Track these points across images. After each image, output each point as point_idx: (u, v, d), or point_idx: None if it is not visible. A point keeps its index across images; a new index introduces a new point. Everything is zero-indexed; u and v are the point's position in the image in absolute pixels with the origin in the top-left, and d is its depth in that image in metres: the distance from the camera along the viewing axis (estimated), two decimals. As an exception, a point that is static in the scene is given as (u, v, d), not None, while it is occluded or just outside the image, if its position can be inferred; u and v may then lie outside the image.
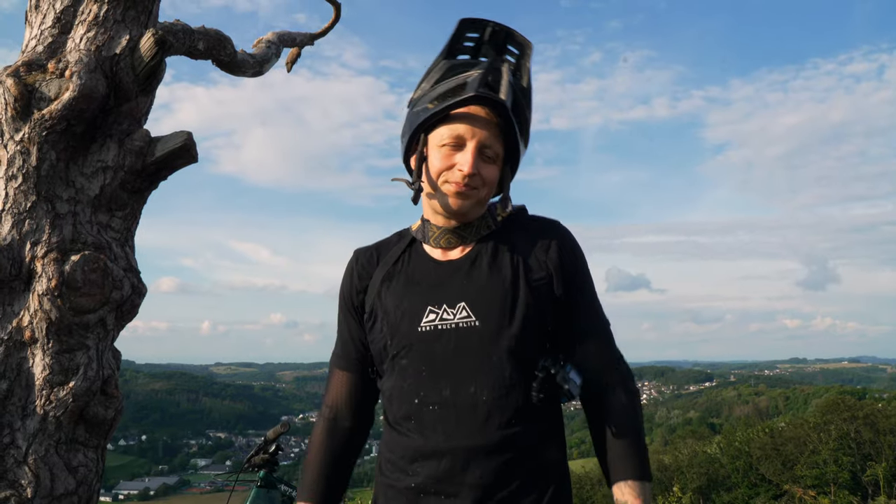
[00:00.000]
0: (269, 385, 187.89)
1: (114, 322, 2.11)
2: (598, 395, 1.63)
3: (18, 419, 1.94)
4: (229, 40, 2.44)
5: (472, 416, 1.54)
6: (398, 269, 1.72)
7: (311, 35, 3.22)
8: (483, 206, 1.70)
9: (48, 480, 1.93)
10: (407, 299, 1.65)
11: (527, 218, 1.76)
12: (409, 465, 1.59)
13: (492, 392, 1.54)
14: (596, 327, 1.67)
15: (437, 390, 1.57)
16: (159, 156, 2.14)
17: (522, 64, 1.70)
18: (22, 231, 1.98)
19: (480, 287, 1.62)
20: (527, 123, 1.68)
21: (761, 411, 73.80)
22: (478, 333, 1.58)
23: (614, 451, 1.58)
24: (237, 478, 4.62)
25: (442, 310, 1.61)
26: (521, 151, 1.70)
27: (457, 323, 1.59)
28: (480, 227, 1.71)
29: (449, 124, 1.62)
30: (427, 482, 1.55)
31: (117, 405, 2.09)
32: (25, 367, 1.96)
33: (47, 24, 2.12)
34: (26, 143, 1.98)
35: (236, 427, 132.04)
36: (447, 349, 1.58)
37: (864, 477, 26.71)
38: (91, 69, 2.02)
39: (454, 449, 1.54)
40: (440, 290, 1.64)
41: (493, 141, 1.62)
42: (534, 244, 1.67)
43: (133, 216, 2.21)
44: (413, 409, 1.60)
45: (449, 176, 1.62)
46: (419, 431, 1.58)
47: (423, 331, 1.61)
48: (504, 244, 1.68)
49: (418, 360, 1.61)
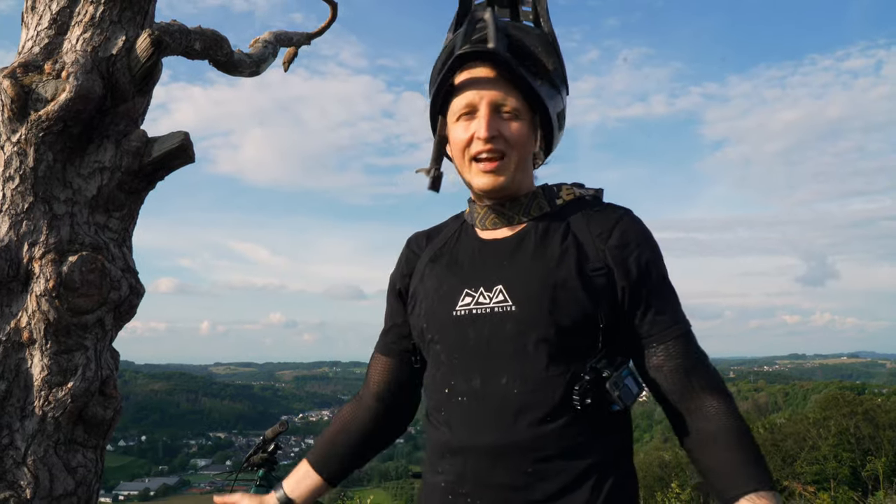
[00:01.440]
0: (269, 385, 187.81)
1: (112, 322, 2.11)
2: (687, 404, 1.42)
3: (17, 420, 1.94)
4: (226, 40, 2.44)
5: (501, 410, 1.39)
6: (445, 250, 1.60)
7: (308, 34, 3.22)
8: (524, 174, 1.53)
9: (47, 481, 1.93)
10: (446, 282, 1.53)
11: (596, 204, 1.55)
12: (439, 462, 1.48)
13: (524, 384, 1.39)
14: (672, 330, 1.45)
15: (468, 380, 1.44)
16: (156, 156, 2.14)
17: (539, 10, 1.55)
18: (19, 232, 1.98)
19: (522, 270, 1.46)
20: (542, 64, 1.50)
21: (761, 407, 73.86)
22: (514, 319, 1.42)
23: (728, 460, 1.36)
24: (236, 477, 4.62)
25: (479, 293, 1.47)
26: (553, 99, 1.51)
27: (492, 308, 1.44)
28: (531, 206, 1.54)
29: (457, 95, 1.50)
30: (455, 481, 1.43)
31: (116, 405, 2.09)
32: (24, 368, 1.96)
33: (43, 26, 2.12)
34: (23, 144, 1.98)
35: (236, 427, 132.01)
36: (481, 336, 1.44)
37: (864, 472, 26.75)
38: (87, 70, 2.02)
39: (480, 447, 1.40)
40: (479, 272, 1.50)
41: (508, 96, 1.46)
42: (596, 232, 1.48)
43: (130, 217, 2.21)
44: (443, 400, 1.48)
45: (471, 149, 1.49)
46: (447, 424, 1.46)
47: (458, 315, 1.48)
48: (558, 227, 1.50)
49: (451, 347, 1.48)
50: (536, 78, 1.48)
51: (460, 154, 1.51)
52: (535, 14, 1.56)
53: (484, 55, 1.45)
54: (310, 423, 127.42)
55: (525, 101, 1.48)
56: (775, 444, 30.11)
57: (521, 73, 1.45)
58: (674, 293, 1.50)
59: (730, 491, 1.33)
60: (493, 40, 1.43)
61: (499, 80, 1.47)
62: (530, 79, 1.46)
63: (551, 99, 1.51)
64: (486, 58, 1.46)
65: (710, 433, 1.39)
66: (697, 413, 1.41)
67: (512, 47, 1.46)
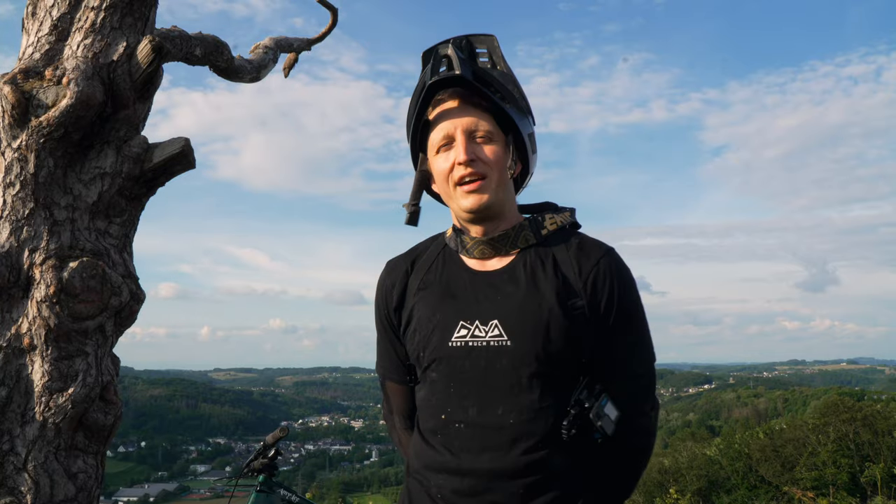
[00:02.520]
0: (269, 390, 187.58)
1: (112, 328, 2.11)
2: (621, 434, 1.56)
3: (18, 426, 1.94)
4: (226, 46, 2.44)
5: (497, 439, 1.51)
6: (433, 277, 1.67)
7: (309, 40, 3.22)
8: (506, 193, 1.62)
9: (48, 487, 1.93)
10: (440, 311, 1.61)
11: (576, 237, 1.66)
12: (434, 476, 1.58)
13: (519, 415, 1.51)
14: (635, 370, 1.60)
15: (464, 409, 1.54)
16: (157, 162, 2.14)
17: (494, 58, 1.66)
18: (20, 238, 1.98)
19: (516, 305, 1.55)
20: (507, 90, 1.60)
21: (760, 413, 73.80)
22: (509, 353, 1.52)
23: (603, 483, 1.59)
24: (237, 483, 4.62)
25: (474, 326, 1.56)
26: (522, 120, 1.62)
27: (488, 341, 1.54)
28: (517, 238, 1.63)
29: (433, 130, 1.62)
30: (450, 496, 1.54)
31: (116, 411, 2.09)
32: (24, 374, 1.96)
33: (44, 32, 2.13)
34: (24, 150, 1.98)
35: (236, 433, 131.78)
36: (477, 367, 1.54)
37: (863, 478, 26.72)
38: (88, 76, 2.03)
39: (477, 470, 1.51)
40: (474, 305, 1.59)
41: (480, 121, 1.58)
42: (578, 268, 1.58)
43: (131, 222, 2.21)
44: (440, 425, 1.58)
45: (454, 175, 1.58)
46: (445, 447, 1.56)
47: (454, 346, 1.57)
48: (546, 261, 1.60)
49: (447, 376, 1.58)
50: (504, 101, 1.59)
51: (444, 182, 1.62)
52: (492, 61, 1.67)
53: (454, 82, 1.57)
54: (309, 428, 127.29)
55: (496, 124, 1.59)
56: (775, 450, 30.05)
57: (489, 95, 1.56)
58: (646, 334, 1.62)
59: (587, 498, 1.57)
60: (458, 68, 1.55)
61: (469, 108, 1.58)
62: (498, 101, 1.57)
63: (521, 120, 1.62)
64: (455, 84, 1.58)
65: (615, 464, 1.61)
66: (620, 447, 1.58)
67: (477, 75, 1.58)
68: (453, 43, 1.65)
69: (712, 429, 62.28)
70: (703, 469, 31.19)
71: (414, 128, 1.64)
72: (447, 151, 1.60)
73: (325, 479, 75.87)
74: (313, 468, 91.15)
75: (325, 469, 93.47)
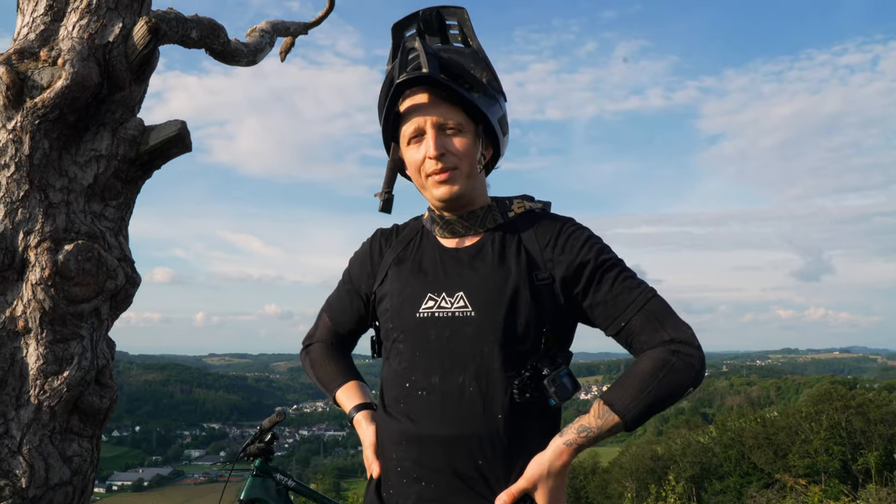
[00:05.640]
0: (263, 376, 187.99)
1: (108, 312, 2.10)
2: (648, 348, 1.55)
3: (12, 409, 1.93)
4: (223, 29, 2.42)
5: (457, 406, 1.55)
6: (408, 253, 1.75)
7: (305, 24, 3.20)
8: (475, 180, 1.67)
9: (42, 470, 1.93)
10: (410, 285, 1.67)
11: (539, 216, 1.71)
12: (394, 447, 1.61)
13: (479, 383, 1.54)
14: (630, 308, 1.56)
15: (427, 376, 1.59)
16: (153, 145, 2.13)
17: (465, 31, 1.70)
18: (15, 220, 1.97)
19: (481, 278, 1.61)
20: (476, 78, 1.63)
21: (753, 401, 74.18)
22: (473, 324, 1.58)
23: (621, 377, 1.54)
24: (233, 467, 4.63)
25: (441, 297, 1.62)
26: (492, 108, 1.65)
27: (453, 312, 1.60)
28: (486, 218, 1.70)
29: (405, 122, 1.65)
30: (410, 466, 1.57)
31: (112, 395, 2.09)
32: (19, 357, 1.95)
33: (39, 12, 2.10)
34: (19, 131, 1.97)
35: (230, 418, 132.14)
36: (441, 337, 1.59)
37: (855, 466, 26.93)
38: (84, 57, 2.01)
39: (436, 436, 1.55)
40: (442, 279, 1.65)
41: (450, 114, 1.61)
42: (543, 243, 1.64)
43: (127, 205, 2.20)
44: (403, 393, 1.62)
45: (425, 168, 1.64)
46: (406, 415, 1.60)
47: (421, 317, 1.63)
48: (512, 238, 1.66)
49: (413, 346, 1.63)
50: (472, 91, 1.62)
51: (416, 173, 1.68)
52: (463, 35, 1.71)
53: (421, 80, 1.60)
54: (304, 413, 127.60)
55: (466, 115, 1.63)
56: (768, 438, 30.27)
57: (457, 90, 1.59)
58: (626, 276, 1.60)
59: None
60: (425, 66, 1.57)
61: (438, 101, 1.62)
62: (466, 94, 1.60)
63: (490, 108, 1.64)
64: (423, 83, 1.61)
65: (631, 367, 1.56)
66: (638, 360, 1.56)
67: (444, 68, 1.61)
68: (423, 18, 1.69)
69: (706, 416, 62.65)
70: (696, 456, 31.42)
71: (384, 120, 1.68)
72: (418, 144, 1.64)
73: (319, 464, 76.18)
74: (308, 453, 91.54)
75: (320, 454, 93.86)
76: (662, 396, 1.49)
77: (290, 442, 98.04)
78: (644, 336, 1.55)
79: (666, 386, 1.49)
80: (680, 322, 1.56)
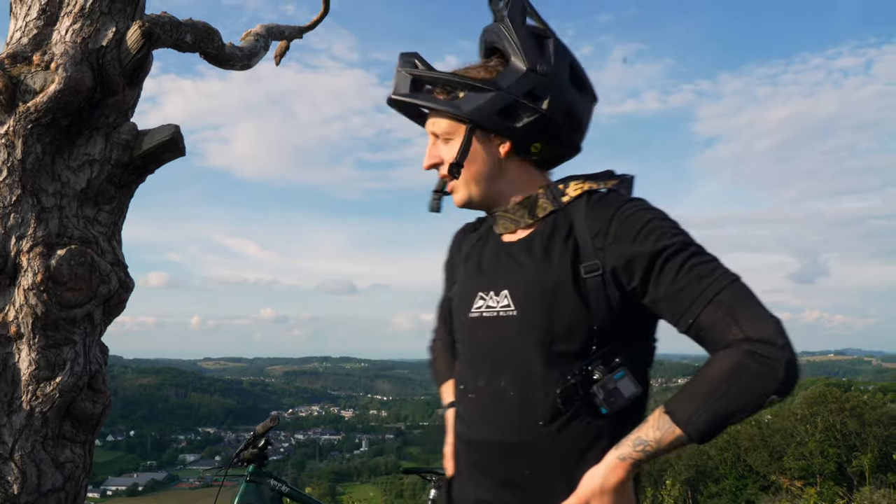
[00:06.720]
0: (259, 380, 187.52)
1: (101, 317, 2.09)
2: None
3: (4, 415, 1.92)
4: (217, 33, 2.41)
5: (500, 411, 1.47)
6: (475, 250, 1.69)
7: (300, 28, 3.20)
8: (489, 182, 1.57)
9: (35, 476, 1.92)
10: (467, 285, 1.63)
11: (597, 197, 1.51)
12: (459, 448, 1.62)
13: (520, 388, 1.44)
14: (698, 301, 1.33)
15: (475, 379, 1.54)
16: (147, 149, 2.12)
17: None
18: (7, 225, 1.96)
19: (524, 274, 1.49)
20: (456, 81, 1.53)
21: (749, 404, 74.24)
22: (516, 324, 1.47)
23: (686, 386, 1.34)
24: (226, 472, 4.62)
25: (489, 296, 1.54)
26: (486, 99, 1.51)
27: (499, 311, 1.51)
28: (534, 207, 1.56)
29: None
30: (468, 468, 1.56)
31: (105, 400, 2.08)
32: (11, 363, 1.94)
33: (32, 16, 2.10)
34: (11, 136, 1.96)
35: (225, 422, 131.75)
36: (488, 338, 1.52)
37: (850, 468, 26.96)
38: (77, 61, 2.00)
39: (483, 441, 1.51)
40: (492, 276, 1.57)
41: (437, 123, 1.59)
42: (594, 231, 1.44)
43: (120, 210, 2.19)
44: (459, 395, 1.61)
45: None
46: (461, 417, 1.60)
47: (472, 317, 1.57)
48: (563, 227, 1.50)
49: (466, 347, 1.61)
50: (456, 90, 1.55)
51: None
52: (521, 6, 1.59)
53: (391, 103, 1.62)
54: (300, 417, 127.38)
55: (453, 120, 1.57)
56: (763, 440, 30.29)
57: (425, 104, 1.58)
58: (693, 258, 1.37)
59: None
60: (394, 89, 1.58)
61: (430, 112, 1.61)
62: (433, 104, 1.56)
63: (475, 102, 1.53)
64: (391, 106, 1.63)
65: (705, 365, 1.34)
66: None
67: (417, 83, 1.58)
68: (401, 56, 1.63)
69: (701, 419, 62.63)
70: (691, 458, 31.42)
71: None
72: None
73: (314, 468, 75.98)
74: (303, 458, 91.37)
75: (315, 458, 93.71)
76: (734, 407, 1.28)
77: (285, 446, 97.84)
78: (715, 334, 1.32)
79: (738, 394, 1.27)
80: (761, 315, 1.31)
